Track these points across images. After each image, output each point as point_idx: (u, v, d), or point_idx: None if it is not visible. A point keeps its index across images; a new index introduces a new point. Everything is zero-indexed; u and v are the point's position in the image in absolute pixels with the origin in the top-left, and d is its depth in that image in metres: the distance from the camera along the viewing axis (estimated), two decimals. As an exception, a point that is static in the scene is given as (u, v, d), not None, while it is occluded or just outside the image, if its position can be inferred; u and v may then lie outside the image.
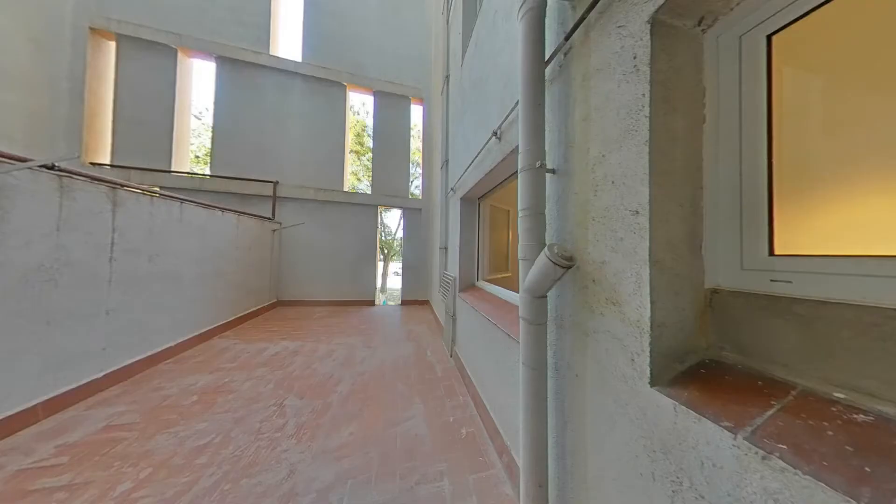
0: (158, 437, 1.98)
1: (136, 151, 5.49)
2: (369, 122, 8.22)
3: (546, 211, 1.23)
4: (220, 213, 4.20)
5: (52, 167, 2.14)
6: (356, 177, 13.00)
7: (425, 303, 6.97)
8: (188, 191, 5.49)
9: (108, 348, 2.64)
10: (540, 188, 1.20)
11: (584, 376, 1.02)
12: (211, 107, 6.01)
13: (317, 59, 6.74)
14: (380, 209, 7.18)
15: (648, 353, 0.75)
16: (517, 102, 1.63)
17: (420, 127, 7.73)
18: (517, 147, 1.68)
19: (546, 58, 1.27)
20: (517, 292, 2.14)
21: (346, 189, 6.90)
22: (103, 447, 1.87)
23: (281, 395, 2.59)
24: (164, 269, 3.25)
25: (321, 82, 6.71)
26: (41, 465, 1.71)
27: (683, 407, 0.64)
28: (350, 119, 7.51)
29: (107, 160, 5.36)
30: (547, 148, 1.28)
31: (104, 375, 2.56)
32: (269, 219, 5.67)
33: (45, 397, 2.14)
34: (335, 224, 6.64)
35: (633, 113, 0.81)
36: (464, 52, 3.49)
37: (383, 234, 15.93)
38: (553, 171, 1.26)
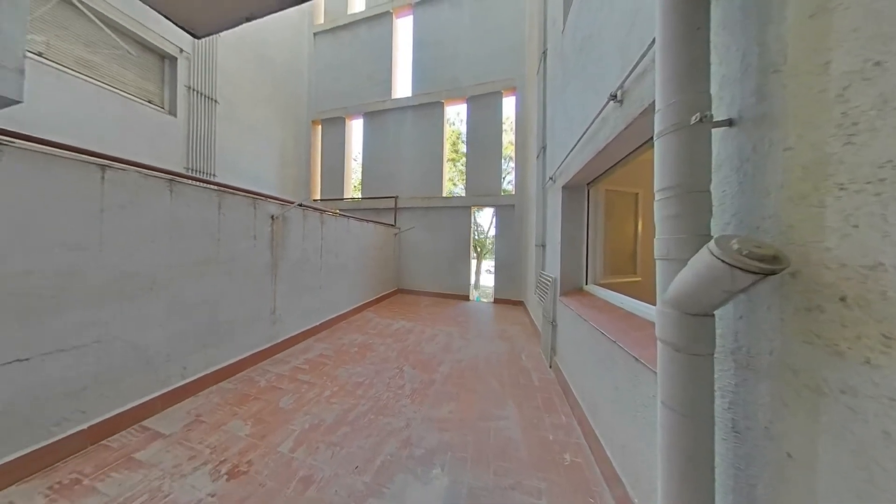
0: (339, 369, 2.99)
1: (330, 188, 8.59)
2: (463, 128, 8.43)
3: (713, 186, 0.81)
4: (366, 223, 5.69)
5: (300, 205, 3.58)
6: (452, 182, 13.50)
7: (519, 304, 6.50)
8: (350, 210, 7.84)
9: (320, 309, 4.17)
10: (699, 153, 0.79)
11: (812, 462, 0.59)
12: (361, 149, 8.52)
13: (422, 89, 7.62)
14: (473, 209, 7.26)
15: None
16: (652, 42, 1.18)
17: (513, 119, 7.29)
18: (652, 104, 1.24)
19: (714, -49, 0.83)
20: (651, 304, 1.65)
21: (444, 195, 7.42)
22: (319, 366, 3.05)
23: (401, 361, 3.21)
24: (341, 262, 4.73)
25: (425, 106, 7.55)
26: (299, 368, 2.98)
27: None
28: (447, 131, 7.84)
29: (318, 196, 8.77)
30: (715, 90, 0.85)
31: (320, 324, 4.10)
32: (392, 225, 7.16)
33: (301, 330, 3.69)
34: (436, 226, 7.29)
35: None
36: (565, 15, 2.99)
37: (476, 233, 15.96)
38: (729, 123, 0.81)
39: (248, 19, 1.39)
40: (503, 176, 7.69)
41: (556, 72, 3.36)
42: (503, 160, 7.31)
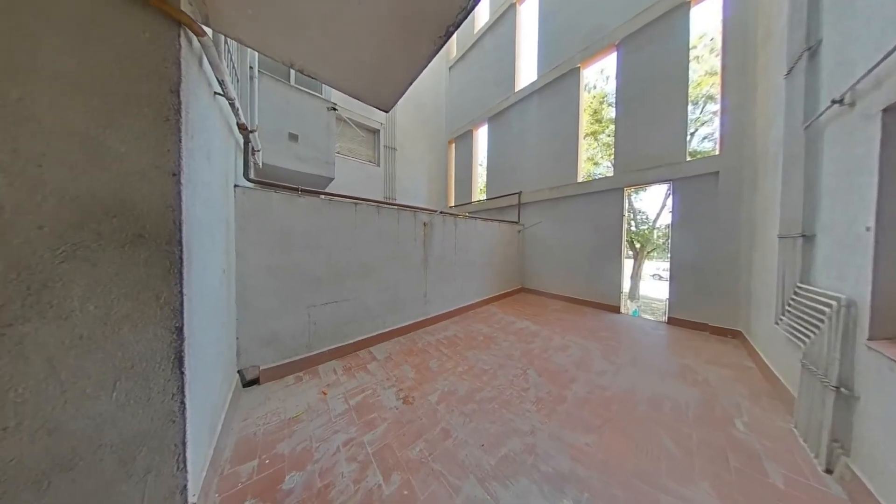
0: (469, 352, 3.46)
1: (460, 195, 9.91)
2: (609, 88, 7.17)
3: None
4: (490, 222, 6.13)
5: (441, 212, 4.69)
6: (592, 161, 11.49)
7: (731, 333, 4.10)
8: (477, 211, 8.70)
9: (455, 297, 5.04)
10: None
11: None
12: (485, 154, 9.03)
13: (550, 63, 6.78)
14: (627, 191, 5.47)
15: None
16: None
17: (710, 36, 5.20)
18: None
19: None
20: None
21: (579, 180, 6.19)
22: (454, 344, 3.69)
23: (525, 363, 3.09)
24: (469, 259, 5.44)
25: (553, 84, 6.67)
26: (441, 341, 3.77)
27: None
28: (583, 101, 6.39)
29: (452, 203, 10.43)
30: None
31: (453, 310, 4.99)
32: (515, 222, 7.19)
33: (441, 312, 4.70)
34: (568, 218, 6.30)
35: None
36: None
37: (633, 222, 12.97)
38: None
39: (411, 82, 1.78)
40: (690, 131, 5.22)
41: None
42: (690, 106, 4.78)
